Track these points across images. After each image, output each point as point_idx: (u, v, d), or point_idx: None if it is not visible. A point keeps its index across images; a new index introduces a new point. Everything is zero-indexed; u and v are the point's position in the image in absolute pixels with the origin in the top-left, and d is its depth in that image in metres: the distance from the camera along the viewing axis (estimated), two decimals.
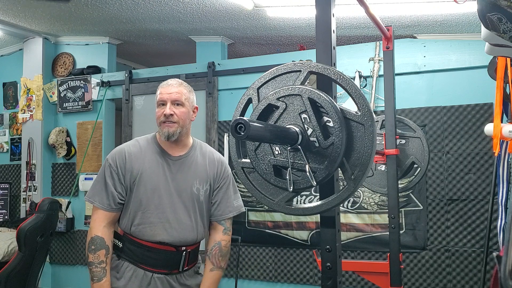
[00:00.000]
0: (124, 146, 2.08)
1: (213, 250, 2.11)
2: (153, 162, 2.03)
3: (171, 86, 2.06)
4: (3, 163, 5.22)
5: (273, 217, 3.96)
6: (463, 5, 2.43)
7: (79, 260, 4.69)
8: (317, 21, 1.32)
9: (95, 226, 1.99)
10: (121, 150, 2.05)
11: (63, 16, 4.18)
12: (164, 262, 2.02)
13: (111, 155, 2.05)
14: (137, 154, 2.03)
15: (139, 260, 2.00)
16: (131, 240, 2.02)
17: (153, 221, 1.99)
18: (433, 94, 3.57)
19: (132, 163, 2.01)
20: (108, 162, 2.03)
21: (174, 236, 2.01)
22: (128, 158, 2.01)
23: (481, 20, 1.35)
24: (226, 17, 3.87)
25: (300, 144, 1.18)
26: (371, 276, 2.60)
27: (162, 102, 2.03)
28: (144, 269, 2.00)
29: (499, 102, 2.41)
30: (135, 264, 2.00)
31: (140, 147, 2.06)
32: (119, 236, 2.06)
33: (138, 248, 2.01)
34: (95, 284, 1.94)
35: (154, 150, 2.06)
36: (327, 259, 1.28)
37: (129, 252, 2.02)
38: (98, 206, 1.99)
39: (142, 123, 4.49)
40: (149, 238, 2.00)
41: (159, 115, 2.02)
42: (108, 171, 2.01)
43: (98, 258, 1.95)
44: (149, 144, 2.08)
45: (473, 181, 3.40)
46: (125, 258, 2.02)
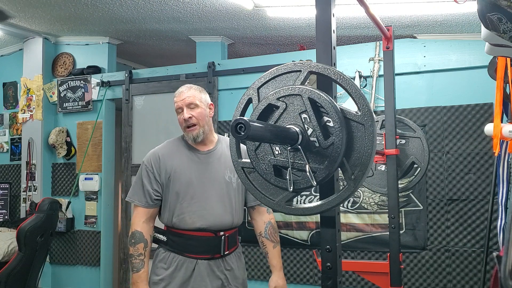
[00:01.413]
0: (156, 149, 2.32)
1: (267, 230, 2.37)
2: (184, 158, 2.26)
3: (182, 93, 2.26)
4: (3, 163, 5.22)
5: None
6: (463, 5, 2.43)
7: (79, 260, 4.69)
8: (317, 21, 1.32)
9: (135, 222, 2.21)
10: (154, 152, 2.29)
11: (63, 16, 4.18)
12: (205, 248, 2.20)
13: (146, 158, 2.29)
14: (169, 154, 2.26)
15: (183, 249, 2.20)
16: (173, 232, 2.22)
17: (191, 210, 2.20)
18: (433, 94, 3.57)
19: (165, 162, 2.24)
20: (144, 164, 2.27)
21: (211, 222, 2.20)
22: (162, 158, 2.24)
23: (481, 20, 1.35)
24: (226, 17, 3.87)
25: (300, 144, 1.18)
26: (371, 276, 2.60)
27: (179, 110, 2.25)
28: (188, 257, 2.19)
29: (499, 102, 2.41)
30: (180, 253, 2.20)
31: (170, 147, 2.30)
32: (162, 231, 2.27)
33: (181, 238, 2.21)
34: (134, 274, 2.16)
35: (184, 148, 2.29)
36: (327, 259, 1.28)
37: (173, 243, 2.22)
38: (137, 204, 2.23)
39: (142, 123, 4.49)
40: (189, 226, 2.19)
41: (180, 122, 2.26)
42: (145, 172, 2.25)
43: (137, 251, 2.16)
44: (179, 143, 2.31)
45: (473, 181, 3.40)
46: (170, 249, 2.22)
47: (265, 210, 2.39)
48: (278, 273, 2.33)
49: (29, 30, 4.65)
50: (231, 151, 1.31)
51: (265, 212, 2.40)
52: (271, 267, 2.37)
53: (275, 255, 2.36)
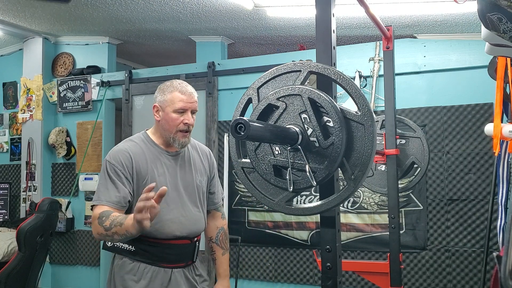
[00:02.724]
0: (123, 146, 2.02)
1: (219, 236, 2.23)
2: (155, 161, 2.02)
3: (191, 95, 2.03)
4: (3, 163, 5.22)
5: (273, 217, 3.96)
6: (463, 5, 2.43)
7: (79, 260, 4.69)
8: (317, 21, 1.32)
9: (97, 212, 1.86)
10: (123, 150, 1.99)
11: (63, 16, 4.18)
12: (182, 255, 2.05)
13: (112, 156, 1.97)
14: (139, 154, 2.00)
15: (158, 259, 1.99)
16: (146, 241, 1.97)
17: (169, 218, 1.99)
18: (433, 94, 3.57)
19: (138, 163, 1.97)
20: (111, 163, 1.95)
21: (189, 229, 2.04)
22: (134, 158, 1.97)
23: (481, 20, 1.35)
24: (226, 17, 3.87)
25: (300, 144, 1.18)
26: (371, 276, 2.60)
27: (181, 110, 2.00)
28: (163, 267, 1.99)
29: (499, 102, 2.41)
30: (153, 263, 1.99)
31: (140, 147, 2.03)
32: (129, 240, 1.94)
33: (156, 247, 1.99)
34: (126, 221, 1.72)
35: (152, 149, 2.04)
36: (327, 259, 1.28)
37: (144, 253, 1.99)
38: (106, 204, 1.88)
39: (142, 123, 4.49)
40: (168, 235, 1.99)
41: (177, 123, 1.99)
42: (113, 170, 1.93)
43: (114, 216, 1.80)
44: (145, 143, 2.05)
45: (473, 181, 3.40)
46: (141, 260, 1.99)
47: (220, 215, 2.26)
48: (223, 281, 2.22)
49: (29, 30, 4.65)
50: (231, 151, 1.31)
51: (220, 217, 2.26)
52: (216, 274, 2.23)
53: (223, 263, 2.23)
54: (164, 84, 2.12)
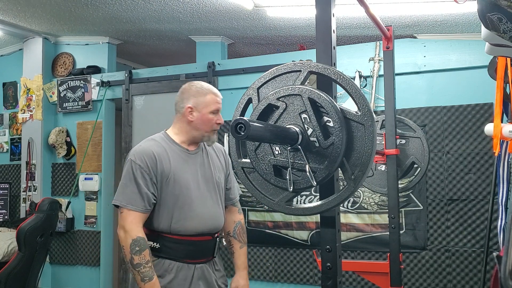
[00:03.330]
0: (147, 146, 2.08)
1: (237, 230, 2.33)
2: (178, 159, 2.10)
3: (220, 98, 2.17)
4: (3, 163, 5.22)
5: (273, 217, 3.96)
6: (463, 5, 2.43)
7: (79, 260, 4.69)
8: (317, 21, 1.32)
9: (133, 228, 1.98)
10: (147, 150, 2.05)
11: (63, 16, 4.18)
12: (204, 251, 2.13)
13: (137, 156, 2.04)
14: (163, 153, 2.07)
15: (182, 255, 2.06)
16: (171, 238, 2.05)
17: (192, 215, 2.07)
18: (433, 94, 3.57)
19: (162, 162, 2.04)
20: (137, 163, 2.02)
21: (211, 225, 2.12)
22: (158, 158, 2.04)
23: (481, 20, 1.35)
24: (226, 17, 3.87)
25: (300, 144, 1.18)
26: (371, 276, 2.60)
27: (216, 111, 2.12)
28: (186, 263, 2.06)
29: (499, 102, 2.41)
30: (177, 260, 2.06)
31: (162, 146, 2.10)
32: (153, 237, 2.06)
33: (180, 245, 2.06)
34: (148, 284, 1.94)
35: (174, 148, 2.13)
36: (327, 259, 1.28)
37: (168, 250, 2.06)
38: (133, 209, 1.98)
39: (142, 123, 4.49)
40: (191, 231, 2.07)
41: (212, 123, 2.11)
42: (138, 172, 2.01)
43: (145, 258, 1.96)
44: (167, 141, 2.13)
45: (473, 181, 3.40)
46: (165, 256, 2.06)
47: (237, 210, 2.36)
48: (241, 273, 2.29)
49: (29, 30, 4.65)
50: (231, 151, 1.31)
51: (236, 212, 2.35)
52: (235, 267, 2.32)
53: (241, 255, 2.32)
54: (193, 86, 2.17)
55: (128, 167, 2.04)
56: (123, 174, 2.07)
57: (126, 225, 1.98)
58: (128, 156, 2.09)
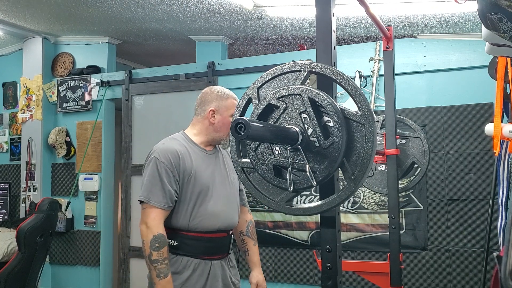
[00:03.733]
0: (171, 145, 2.15)
1: (249, 228, 2.43)
2: (198, 159, 2.18)
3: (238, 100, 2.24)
4: (2, 163, 5.22)
5: (273, 217, 3.96)
6: (463, 5, 2.43)
7: (79, 260, 4.69)
8: (317, 21, 1.32)
9: (155, 224, 2.04)
10: (171, 149, 2.12)
11: (63, 16, 4.18)
12: (220, 248, 2.20)
13: (162, 154, 2.11)
14: (185, 152, 2.15)
15: (199, 252, 2.13)
16: (188, 235, 2.12)
17: (210, 212, 2.14)
18: (433, 94, 3.57)
19: (185, 161, 2.12)
20: (161, 161, 2.09)
21: (227, 222, 2.20)
22: (181, 157, 2.12)
23: (481, 20, 1.35)
24: (226, 17, 3.87)
25: (300, 144, 1.18)
26: (371, 276, 2.60)
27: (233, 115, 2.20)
28: (203, 259, 2.13)
29: (499, 102, 2.41)
30: (194, 256, 2.12)
31: (184, 145, 2.18)
32: (172, 234, 2.13)
33: (198, 241, 2.13)
34: (162, 280, 2.01)
35: (194, 148, 2.20)
36: (327, 259, 1.28)
37: (186, 247, 2.12)
38: (156, 205, 2.06)
39: (142, 123, 4.49)
40: (209, 228, 2.14)
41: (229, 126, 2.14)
42: (163, 169, 2.08)
43: (163, 255, 2.02)
44: (186, 141, 2.21)
45: (473, 181, 3.40)
46: (182, 253, 2.12)
47: (247, 210, 2.45)
48: (259, 269, 2.38)
49: (29, 30, 4.65)
50: (231, 151, 1.31)
51: (247, 212, 2.45)
52: (251, 264, 2.40)
53: (255, 253, 2.41)
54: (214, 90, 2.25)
55: (153, 165, 2.10)
56: (147, 172, 2.12)
57: (149, 221, 2.05)
58: (151, 154, 2.14)
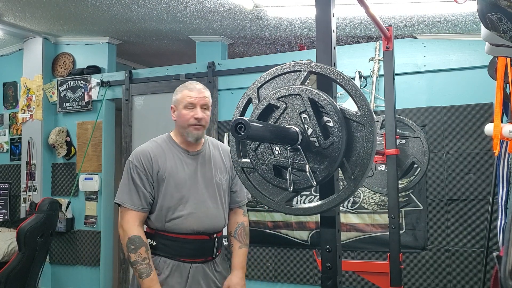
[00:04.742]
0: (145, 147, 2.18)
1: (238, 230, 2.34)
2: (175, 159, 2.17)
3: (199, 91, 2.19)
4: (3, 163, 5.22)
5: (273, 217, 3.96)
6: (463, 5, 2.43)
7: (79, 260, 4.69)
8: (317, 21, 1.32)
9: (129, 227, 2.07)
10: (144, 151, 2.15)
11: (63, 16, 4.18)
12: (200, 251, 2.17)
13: (135, 157, 2.15)
14: (160, 154, 2.16)
15: (176, 253, 2.12)
16: (166, 236, 2.13)
17: (186, 214, 2.12)
18: (433, 94, 3.57)
19: (158, 163, 2.13)
20: (134, 163, 2.13)
21: (207, 224, 2.16)
22: (154, 159, 2.13)
23: (481, 20, 1.35)
24: (226, 17, 3.87)
25: (300, 144, 1.18)
26: (371, 276, 2.60)
27: (191, 106, 2.16)
28: (182, 261, 2.12)
29: (499, 102, 2.41)
30: (172, 258, 2.12)
31: (161, 147, 2.18)
32: (150, 235, 2.15)
33: (174, 242, 2.12)
34: (146, 280, 2.02)
35: (173, 148, 2.20)
36: (327, 259, 1.28)
37: (164, 247, 2.13)
38: (131, 208, 2.09)
39: (142, 123, 4.49)
40: (185, 230, 2.12)
41: (188, 117, 2.15)
42: (135, 172, 2.12)
43: (141, 256, 2.04)
44: (168, 143, 2.21)
45: (473, 181, 3.40)
46: (161, 254, 2.12)
47: (242, 212, 2.38)
48: (235, 272, 2.26)
49: (29, 30, 4.65)
50: (231, 151, 1.31)
51: (241, 214, 2.38)
52: (232, 266, 2.30)
53: (239, 255, 2.30)
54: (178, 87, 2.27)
55: (127, 168, 2.16)
56: (123, 175, 2.17)
57: (124, 224, 2.09)
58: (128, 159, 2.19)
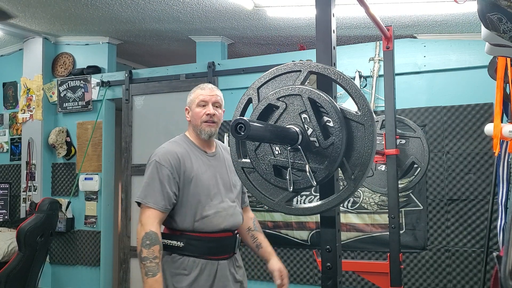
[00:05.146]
0: (171, 148, 2.19)
1: (255, 223, 2.47)
2: (199, 160, 2.21)
3: (211, 90, 2.25)
4: (3, 163, 5.22)
5: (273, 217, 3.96)
6: (463, 5, 2.43)
7: (79, 260, 4.69)
8: (317, 21, 1.32)
9: (148, 222, 2.05)
10: (171, 151, 2.16)
11: (63, 16, 4.18)
12: (225, 248, 2.21)
13: (162, 156, 2.14)
14: (185, 154, 2.18)
15: (205, 252, 2.14)
16: (194, 236, 2.14)
17: (213, 212, 2.16)
18: (433, 94, 3.57)
19: (185, 163, 2.15)
20: (161, 164, 2.12)
21: (231, 222, 2.22)
22: (181, 159, 2.15)
23: (481, 20, 1.35)
24: (226, 17, 3.87)
25: (300, 144, 1.18)
26: (371, 276, 2.60)
27: (204, 103, 2.21)
28: (209, 259, 2.15)
29: (499, 102, 2.41)
30: (201, 257, 2.14)
31: (184, 148, 2.21)
32: (177, 237, 2.15)
33: (202, 241, 2.14)
34: (150, 279, 1.99)
35: (194, 149, 2.24)
36: (327, 259, 1.28)
37: (192, 248, 2.13)
38: (153, 207, 2.07)
39: (142, 123, 4.49)
40: (212, 228, 2.16)
41: (200, 115, 2.20)
42: (162, 172, 2.10)
43: (153, 254, 2.01)
44: (187, 143, 2.24)
45: (473, 181, 3.40)
46: (189, 254, 2.13)
47: (249, 209, 2.52)
48: (274, 257, 2.39)
49: (29, 30, 4.65)
50: (231, 151, 1.31)
51: (250, 210, 2.52)
52: (267, 255, 2.40)
53: (268, 244, 2.44)
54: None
55: (153, 167, 2.13)
56: (147, 175, 2.15)
57: (143, 219, 2.07)
58: (151, 157, 2.17)
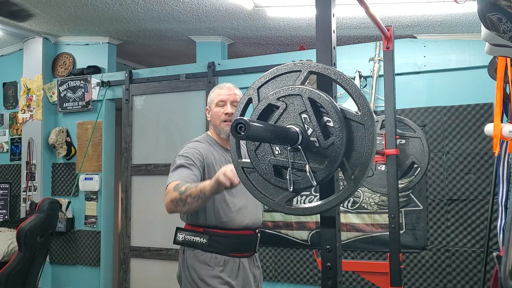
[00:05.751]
0: (193, 145, 2.23)
1: None
2: (221, 157, 2.25)
3: (229, 88, 2.30)
4: (3, 163, 5.22)
5: (273, 217, 3.96)
6: (463, 5, 2.43)
7: (79, 260, 4.69)
8: (317, 21, 1.32)
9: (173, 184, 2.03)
10: (194, 148, 2.20)
11: (63, 16, 4.18)
12: (247, 245, 2.26)
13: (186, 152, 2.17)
14: (207, 151, 2.22)
15: (229, 249, 2.18)
16: (217, 232, 2.18)
17: (238, 209, 2.20)
18: (433, 94, 3.57)
19: (208, 160, 2.19)
20: (184, 155, 2.16)
21: (254, 219, 2.26)
22: (204, 155, 2.19)
23: (481, 20, 1.35)
24: (226, 17, 3.87)
25: (300, 144, 1.18)
26: (371, 276, 2.60)
27: (223, 103, 2.27)
28: (232, 256, 2.19)
29: (499, 102, 2.41)
30: (224, 253, 2.18)
31: (207, 146, 2.25)
32: (201, 233, 2.19)
33: (227, 238, 2.18)
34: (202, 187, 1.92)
35: (216, 147, 2.28)
36: (327, 259, 1.28)
37: (216, 244, 2.17)
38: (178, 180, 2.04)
39: (142, 123, 4.49)
40: (237, 225, 2.20)
41: (219, 114, 2.25)
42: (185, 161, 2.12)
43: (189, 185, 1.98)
44: (210, 142, 2.29)
45: (473, 181, 3.40)
46: (212, 250, 2.17)
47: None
48: None
49: (29, 30, 4.65)
50: (231, 151, 1.31)
51: None
52: None
53: None
54: None
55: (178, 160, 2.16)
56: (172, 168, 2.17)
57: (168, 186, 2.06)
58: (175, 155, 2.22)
